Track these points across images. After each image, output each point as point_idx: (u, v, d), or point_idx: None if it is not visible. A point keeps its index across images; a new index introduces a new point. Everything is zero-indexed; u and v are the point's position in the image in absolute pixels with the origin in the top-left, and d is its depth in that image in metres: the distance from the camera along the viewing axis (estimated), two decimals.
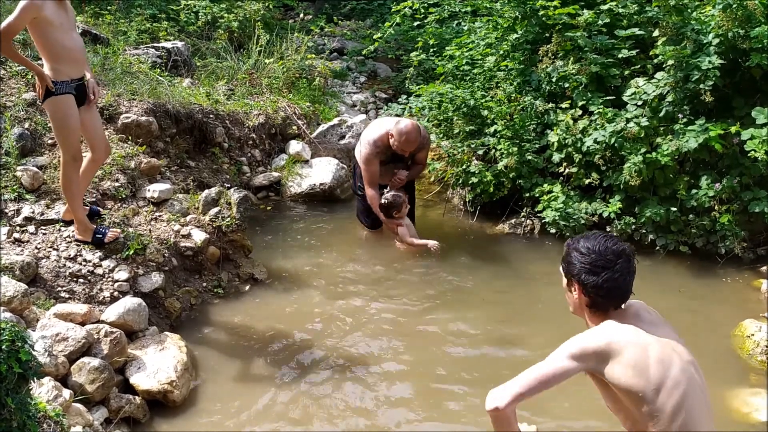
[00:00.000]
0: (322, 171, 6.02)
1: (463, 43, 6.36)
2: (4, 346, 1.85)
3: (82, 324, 3.38)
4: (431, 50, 7.02)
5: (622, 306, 2.05)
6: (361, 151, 4.90)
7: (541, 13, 5.25)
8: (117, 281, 3.82)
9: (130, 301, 3.61)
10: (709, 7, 4.64)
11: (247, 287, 4.47)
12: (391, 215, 4.86)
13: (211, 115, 5.75)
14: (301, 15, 9.74)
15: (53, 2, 3.51)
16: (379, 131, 4.83)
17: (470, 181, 5.38)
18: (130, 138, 4.88)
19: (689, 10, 4.71)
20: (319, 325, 4.09)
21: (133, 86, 5.34)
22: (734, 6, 4.21)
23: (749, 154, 4.20)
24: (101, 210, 4.13)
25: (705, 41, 4.46)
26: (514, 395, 1.93)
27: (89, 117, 3.79)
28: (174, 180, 5.02)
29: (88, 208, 4.05)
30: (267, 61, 6.82)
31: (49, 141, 4.53)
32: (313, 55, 7.47)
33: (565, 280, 2.12)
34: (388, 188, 4.90)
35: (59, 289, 3.68)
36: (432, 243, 4.82)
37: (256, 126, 6.15)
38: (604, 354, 1.94)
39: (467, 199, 5.56)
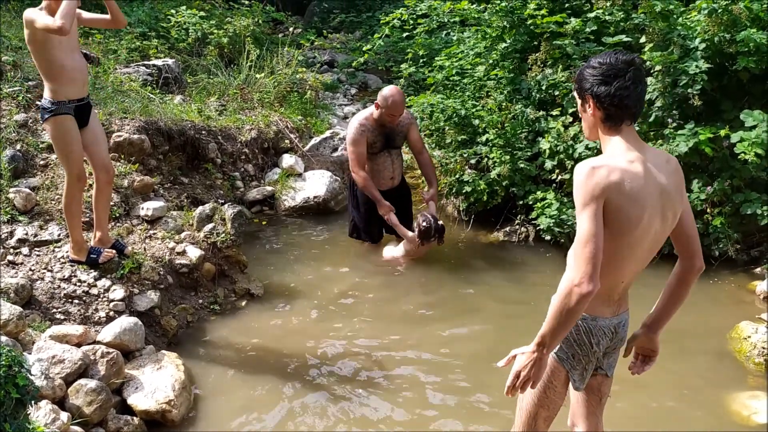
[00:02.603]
0: (315, 184, 6.03)
1: (452, 54, 6.40)
2: (1, 372, 1.83)
3: (78, 345, 3.37)
4: (420, 60, 7.06)
5: (635, 123, 2.08)
6: (348, 136, 4.86)
7: (529, 22, 5.29)
8: (112, 301, 3.81)
9: (125, 321, 3.60)
10: (695, 13, 4.69)
11: (244, 303, 4.46)
12: (429, 239, 4.73)
13: (203, 131, 5.76)
14: (290, 29, 9.79)
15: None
16: (364, 113, 4.84)
17: (464, 190, 5.39)
18: (122, 156, 4.87)
19: (675, 16, 4.75)
20: (317, 340, 4.07)
21: (124, 104, 5.34)
22: (720, 11, 4.25)
23: (739, 157, 4.23)
24: (126, 248, 4.08)
25: (692, 46, 4.50)
26: (590, 270, 1.90)
27: (92, 137, 3.78)
28: (167, 197, 5.01)
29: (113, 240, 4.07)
30: (258, 75, 6.83)
31: (41, 162, 4.53)
32: (304, 69, 7.50)
33: (579, 102, 2.11)
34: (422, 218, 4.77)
35: (54, 310, 3.67)
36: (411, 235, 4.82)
37: (249, 141, 6.16)
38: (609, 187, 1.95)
39: (461, 208, 5.58)
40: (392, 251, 5.04)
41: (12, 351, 1.96)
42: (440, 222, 4.80)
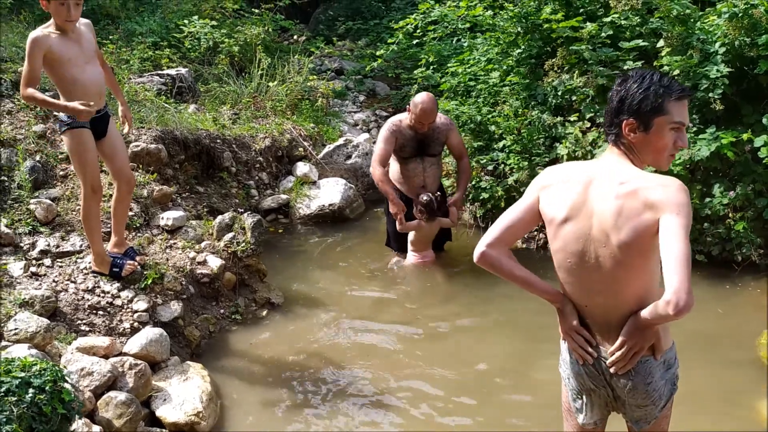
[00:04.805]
0: (330, 191, 6.01)
1: (464, 60, 6.40)
2: (47, 387, 1.81)
3: (105, 357, 3.35)
4: (431, 67, 7.05)
5: (609, 142, 2.03)
6: (379, 133, 4.86)
7: (545, 26, 5.28)
8: (136, 312, 3.78)
9: (151, 332, 3.58)
10: (713, 17, 4.68)
11: (265, 312, 4.43)
12: (431, 213, 4.72)
13: (218, 140, 5.75)
14: (295, 36, 9.79)
15: (60, 37, 3.43)
16: (400, 115, 4.82)
17: (480, 197, 5.38)
18: (140, 166, 4.86)
19: (693, 20, 4.75)
20: (339, 350, 4.05)
21: (140, 114, 5.33)
22: (740, 15, 4.25)
23: (763, 161, 4.22)
24: (138, 256, 4.06)
25: (711, 50, 4.49)
26: (489, 238, 2.06)
27: (111, 148, 3.76)
28: (185, 206, 4.99)
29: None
30: (270, 84, 6.83)
31: (61, 173, 4.51)
32: (315, 77, 7.50)
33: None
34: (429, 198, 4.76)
35: (79, 322, 3.64)
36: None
37: (263, 149, 6.14)
38: (545, 183, 2.06)
39: (478, 215, 5.56)
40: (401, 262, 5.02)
41: (55, 366, 1.94)
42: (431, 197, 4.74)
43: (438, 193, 4.82)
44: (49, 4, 3.32)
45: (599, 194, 1.93)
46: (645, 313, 1.90)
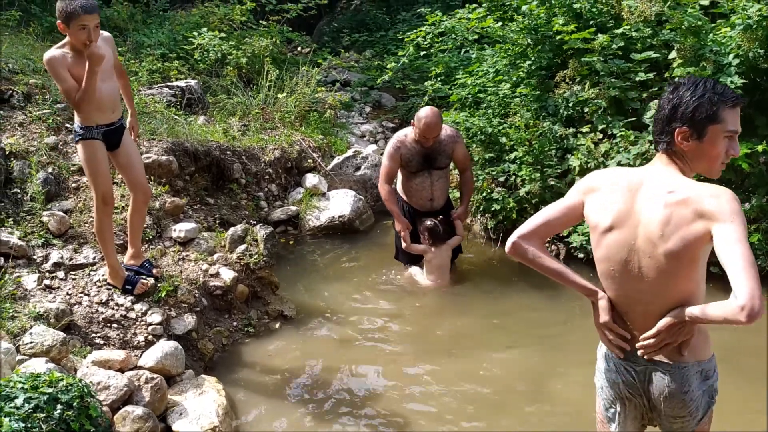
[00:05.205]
0: (340, 203, 5.99)
1: (473, 72, 6.40)
2: (75, 403, 1.78)
3: (121, 370, 3.31)
4: (438, 79, 7.05)
5: (658, 150, 2.02)
6: (385, 150, 4.86)
7: (558, 38, 5.29)
8: (150, 324, 3.75)
9: (166, 345, 3.55)
10: (724, 29, 4.69)
11: (277, 324, 4.40)
12: (437, 238, 4.76)
13: (228, 152, 5.73)
14: (300, 48, 9.80)
15: (75, 57, 3.40)
16: (405, 130, 4.81)
17: (492, 208, 5.36)
18: (152, 178, 4.84)
19: (705, 32, 4.75)
20: (353, 363, 4.02)
21: (151, 126, 5.32)
22: (754, 27, 4.25)
23: None
24: (154, 268, 4.02)
25: (725, 62, 4.49)
26: (525, 229, 2.08)
27: (125, 159, 3.75)
28: (196, 218, 4.97)
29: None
30: (279, 95, 6.83)
31: (73, 185, 4.50)
32: (323, 88, 7.50)
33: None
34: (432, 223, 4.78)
35: (93, 335, 3.61)
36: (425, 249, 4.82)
37: (272, 160, 6.13)
38: (591, 187, 2.05)
39: (489, 226, 5.54)
40: (418, 275, 4.99)
41: (81, 381, 1.91)
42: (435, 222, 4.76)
43: (440, 216, 4.79)
44: (67, 29, 3.31)
45: (646, 202, 1.93)
46: (695, 310, 1.88)
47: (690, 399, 2.01)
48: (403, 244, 4.81)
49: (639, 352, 2.02)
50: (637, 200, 1.95)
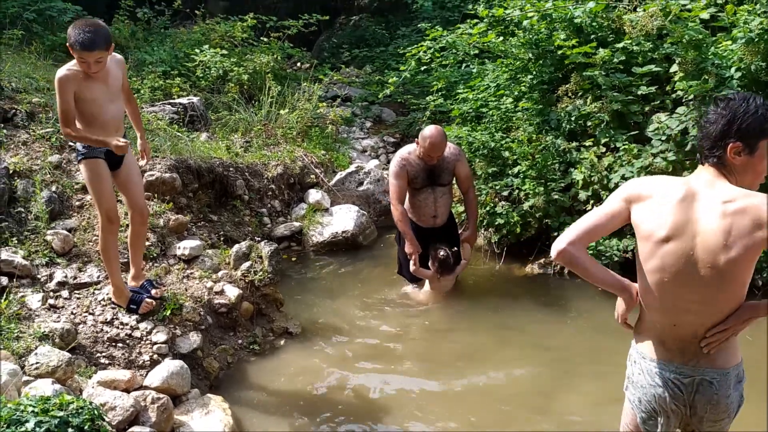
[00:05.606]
0: (343, 218, 5.98)
1: (475, 86, 6.42)
2: (86, 427, 1.76)
3: (126, 391, 3.28)
4: (440, 93, 7.07)
5: (704, 164, 2.05)
6: (390, 169, 4.83)
7: (560, 52, 5.31)
8: (155, 343, 3.73)
9: (172, 364, 3.52)
10: (725, 42, 4.71)
11: (282, 342, 4.38)
12: (446, 270, 4.75)
13: (231, 168, 5.73)
14: (299, 64, 9.84)
15: (85, 77, 3.38)
16: (408, 148, 4.79)
17: (496, 223, 5.36)
18: (155, 195, 4.83)
19: (706, 45, 4.77)
20: (358, 381, 4.00)
21: (154, 143, 5.32)
22: (756, 40, 4.27)
23: None
24: (155, 289, 3.98)
25: (727, 75, 4.51)
26: (572, 235, 2.08)
27: (125, 179, 3.74)
28: (200, 235, 4.96)
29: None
30: (281, 111, 6.84)
31: (77, 203, 4.49)
32: (324, 104, 7.52)
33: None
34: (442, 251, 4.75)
35: (98, 355, 3.58)
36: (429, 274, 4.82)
37: (275, 176, 6.13)
38: (637, 196, 2.08)
39: (493, 241, 5.53)
40: (416, 291, 4.98)
41: (92, 403, 1.89)
42: (456, 249, 4.75)
43: (455, 249, 4.78)
44: (72, 50, 3.32)
45: (704, 213, 1.96)
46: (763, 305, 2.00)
47: (731, 401, 2.09)
48: (412, 267, 4.80)
49: (703, 346, 2.05)
50: (694, 211, 1.97)
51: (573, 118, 5.29)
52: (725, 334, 2.03)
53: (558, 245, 2.09)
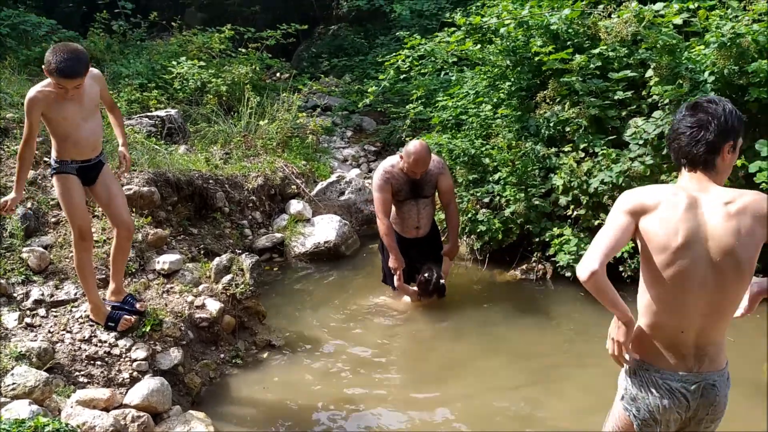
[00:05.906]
0: (325, 229, 5.96)
1: (454, 94, 6.45)
2: None
3: (106, 410, 3.23)
4: (419, 101, 7.09)
5: (695, 170, 2.07)
6: (373, 182, 4.79)
7: (537, 58, 5.35)
8: (135, 360, 3.67)
9: (152, 382, 3.46)
10: (698, 47, 4.77)
11: (265, 354, 4.33)
12: (426, 294, 4.75)
13: (210, 180, 5.69)
14: (278, 74, 9.83)
15: (54, 98, 3.33)
16: (391, 160, 4.76)
17: (477, 230, 5.36)
18: (134, 210, 4.77)
19: (680, 50, 4.83)
20: (343, 392, 3.96)
21: (131, 157, 5.25)
22: (728, 44, 4.33)
23: (760, 186, 4.26)
24: (137, 303, 3.92)
25: (701, 79, 4.57)
26: (599, 256, 2.00)
27: (105, 194, 3.69)
28: (180, 249, 4.90)
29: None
30: (261, 122, 6.81)
31: (53, 219, 4.42)
32: (304, 114, 7.51)
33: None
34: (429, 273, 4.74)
35: (77, 373, 3.52)
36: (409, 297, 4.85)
37: (256, 188, 6.09)
38: (642, 208, 2.06)
39: (475, 247, 5.53)
40: (398, 299, 4.97)
41: (68, 424, 1.84)
42: (442, 280, 4.73)
43: (442, 282, 4.76)
44: (50, 75, 3.27)
45: (710, 217, 1.98)
46: None
47: (726, 401, 2.16)
48: (396, 282, 4.79)
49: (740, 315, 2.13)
50: (702, 216, 2.00)
51: (552, 124, 5.32)
52: (749, 311, 2.13)
53: (588, 267, 1.99)
